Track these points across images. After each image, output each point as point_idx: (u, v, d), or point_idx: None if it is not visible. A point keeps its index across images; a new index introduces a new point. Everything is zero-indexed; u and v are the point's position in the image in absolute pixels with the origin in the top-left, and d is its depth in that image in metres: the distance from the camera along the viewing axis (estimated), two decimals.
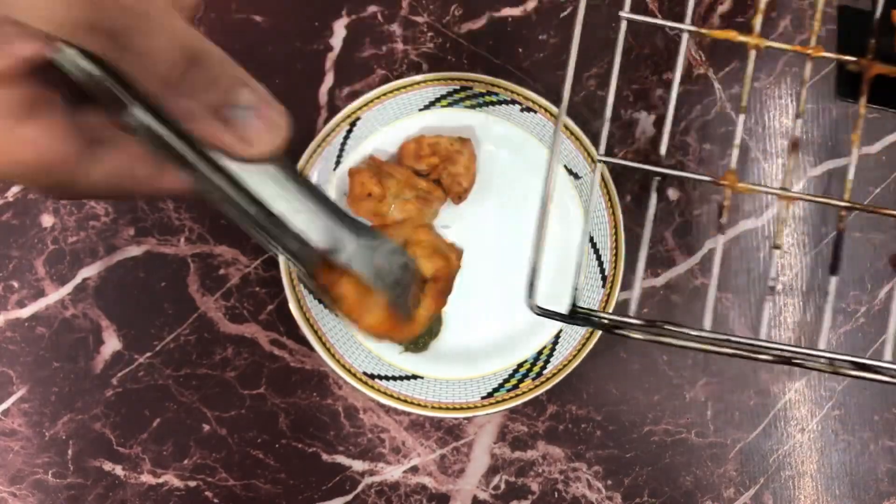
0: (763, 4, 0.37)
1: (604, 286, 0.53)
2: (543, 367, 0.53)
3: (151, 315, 0.56)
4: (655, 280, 0.56)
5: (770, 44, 0.38)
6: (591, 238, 0.54)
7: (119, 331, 0.55)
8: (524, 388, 0.53)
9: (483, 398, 0.53)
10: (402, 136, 0.54)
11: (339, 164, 0.54)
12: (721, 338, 0.35)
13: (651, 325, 0.35)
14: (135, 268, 0.56)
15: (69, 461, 0.55)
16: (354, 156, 0.55)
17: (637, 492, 0.55)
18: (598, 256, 0.54)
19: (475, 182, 0.54)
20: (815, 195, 0.38)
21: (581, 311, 0.36)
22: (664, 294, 0.56)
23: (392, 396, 0.53)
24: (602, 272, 0.54)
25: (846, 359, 0.34)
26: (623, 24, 0.37)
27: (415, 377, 0.54)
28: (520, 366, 0.54)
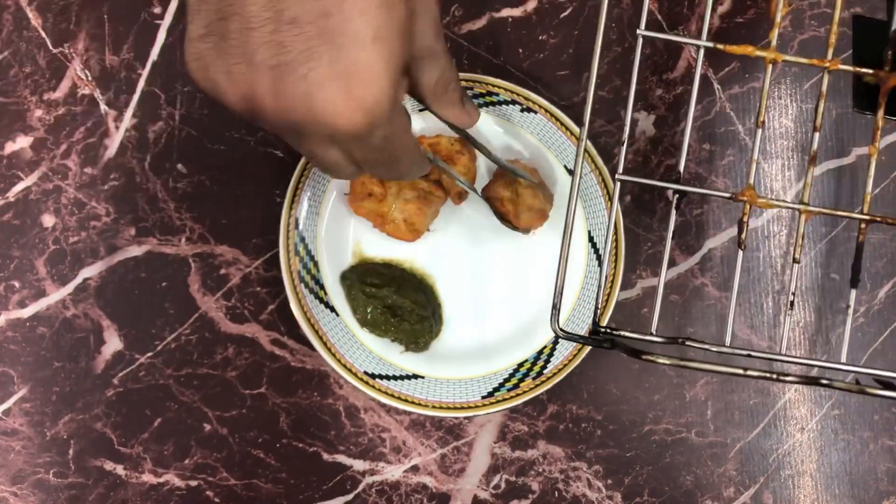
0: (779, 19, 0.37)
1: (604, 285, 0.53)
2: (544, 367, 0.53)
3: (152, 315, 0.56)
4: (655, 280, 0.56)
5: (787, 58, 0.37)
6: (591, 237, 0.54)
7: (120, 331, 0.55)
8: (524, 388, 0.53)
9: (483, 398, 0.53)
10: None
11: None
12: (742, 353, 0.35)
13: (672, 342, 0.35)
14: (136, 268, 0.56)
15: (70, 461, 0.55)
16: None
17: (637, 491, 0.56)
18: (598, 256, 0.54)
19: (475, 182, 0.55)
20: (836, 209, 0.38)
21: (603, 332, 0.36)
22: (664, 294, 0.56)
23: (393, 396, 0.53)
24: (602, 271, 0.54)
25: (872, 372, 0.34)
26: (640, 41, 0.37)
27: (415, 377, 0.54)
28: (520, 365, 0.54)
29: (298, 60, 0.28)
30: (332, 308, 0.54)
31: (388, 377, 0.53)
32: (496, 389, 0.54)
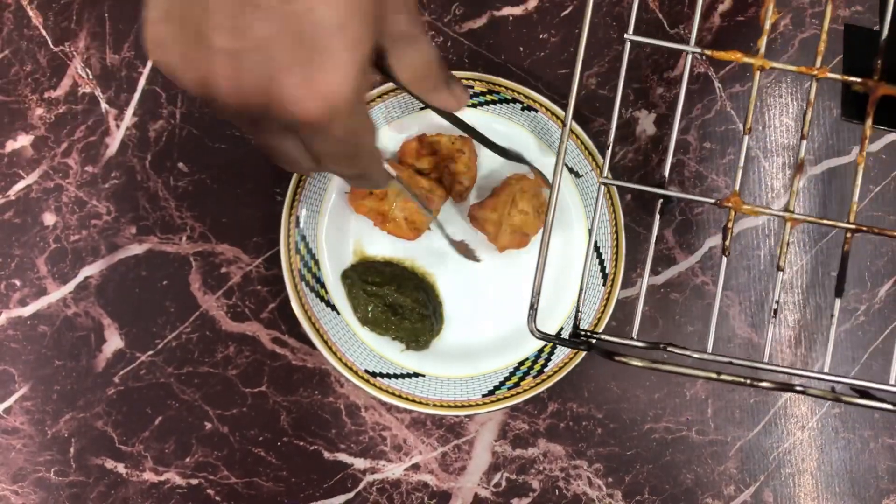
0: (767, 26, 0.37)
1: (604, 284, 0.54)
2: (544, 365, 0.54)
3: (153, 313, 0.56)
4: (656, 278, 0.56)
5: (775, 65, 0.38)
6: (591, 236, 0.54)
7: (121, 329, 0.56)
8: (525, 386, 0.53)
9: (484, 396, 0.53)
10: (404, 135, 0.55)
11: None
12: (723, 360, 0.35)
13: (654, 347, 0.35)
14: (136, 266, 0.56)
15: (71, 459, 0.55)
16: None
17: (637, 489, 0.56)
18: (599, 255, 0.54)
19: (476, 180, 0.55)
20: (821, 218, 0.38)
21: (583, 335, 0.36)
22: (664, 292, 0.56)
23: (393, 394, 0.53)
24: (603, 271, 0.54)
25: (848, 382, 0.34)
26: (627, 45, 0.37)
27: (416, 375, 0.54)
28: (521, 364, 0.54)
29: (258, 46, 0.27)
30: (333, 306, 0.54)
31: (389, 375, 0.53)
32: (497, 388, 0.54)
